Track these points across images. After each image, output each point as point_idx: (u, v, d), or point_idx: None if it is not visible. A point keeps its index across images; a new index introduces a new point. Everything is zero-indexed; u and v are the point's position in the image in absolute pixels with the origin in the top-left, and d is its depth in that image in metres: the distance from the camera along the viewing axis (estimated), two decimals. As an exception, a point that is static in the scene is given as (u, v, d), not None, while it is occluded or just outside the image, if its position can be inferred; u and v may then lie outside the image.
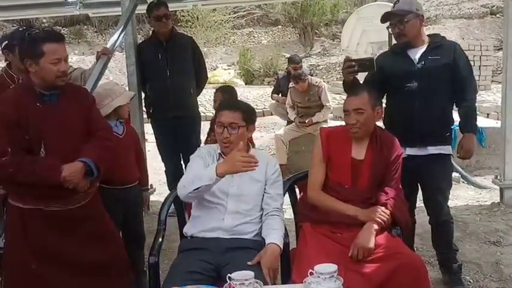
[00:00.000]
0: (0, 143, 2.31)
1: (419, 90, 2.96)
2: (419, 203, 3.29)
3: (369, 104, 2.57)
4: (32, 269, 2.38)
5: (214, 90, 4.47)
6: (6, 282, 2.46)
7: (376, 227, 2.43)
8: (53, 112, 2.40)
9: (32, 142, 2.34)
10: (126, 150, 3.04)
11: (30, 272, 2.38)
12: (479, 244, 3.80)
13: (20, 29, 2.96)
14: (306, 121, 5.47)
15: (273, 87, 7.24)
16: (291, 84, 5.91)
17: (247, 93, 12.09)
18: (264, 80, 15.00)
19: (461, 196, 5.13)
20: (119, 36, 4.17)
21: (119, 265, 2.56)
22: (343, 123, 2.71)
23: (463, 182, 5.65)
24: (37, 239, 2.41)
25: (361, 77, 3.00)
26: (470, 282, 3.27)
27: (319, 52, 16.91)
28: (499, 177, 4.62)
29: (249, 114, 2.53)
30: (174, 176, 4.32)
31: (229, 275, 1.96)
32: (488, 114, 8.79)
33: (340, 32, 16.02)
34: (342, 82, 3.09)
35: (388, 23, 3.04)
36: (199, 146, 4.28)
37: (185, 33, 7.14)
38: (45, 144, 2.35)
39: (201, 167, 2.46)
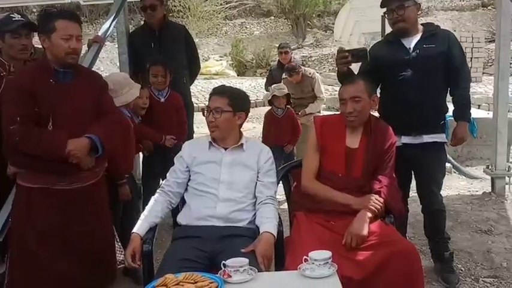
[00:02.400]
0: (11, 112, 2.37)
1: (413, 79, 2.96)
2: (411, 193, 3.31)
3: (365, 92, 2.58)
4: (33, 251, 2.41)
5: (206, 81, 4.47)
6: (11, 263, 2.48)
7: (369, 215, 2.44)
8: (64, 90, 2.45)
9: (41, 115, 2.39)
10: (133, 139, 3.17)
11: (31, 253, 2.42)
12: (471, 233, 3.84)
13: (11, 15, 2.92)
14: (299, 112, 5.46)
15: (265, 79, 7.20)
16: (283, 75, 5.88)
17: (239, 85, 12.03)
18: (256, 71, 14.97)
19: (452, 186, 5.17)
20: (110, 24, 4.11)
21: (107, 257, 2.59)
22: (335, 114, 2.71)
23: (455, 172, 5.70)
24: (40, 220, 2.44)
25: (354, 67, 3.00)
26: (461, 270, 3.30)
27: (312, 43, 16.89)
28: (490, 167, 4.67)
29: (236, 101, 2.51)
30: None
31: (224, 261, 1.97)
32: (479, 105, 8.85)
33: (333, 24, 16.05)
34: (334, 73, 3.09)
35: (385, 9, 3.03)
36: (191, 135, 4.27)
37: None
38: (53, 119, 2.40)
39: (177, 174, 2.55)
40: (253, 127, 8.55)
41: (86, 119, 2.49)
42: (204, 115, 2.56)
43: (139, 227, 2.40)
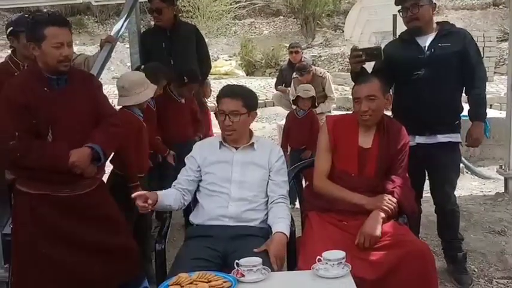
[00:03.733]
0: (8, 127, 2.31)
1: (428, 78, 2.94)
2: (424, 193, 3.29)
3: (380, 91, 2.56)
4: (42, 253, 2.39)
5: (215, 81, 4.53)
6: (15, 268, 2.45)
7: (382, 215, 2.42)
8: (60, 97, 2.39)
9: (39, 127, 2.34)
10: (146, 138, 3.15)
11: (40, 256, 2.39)
12: (484, 234, 3.81)
13: (26, 15, 2.93)
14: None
15: (276, 79, 7.20)
16: (294, 75, 5.88)
17: (248, 84, 12.02)
18: (265, 71, 14.96)
19: (465, 186, 5.13)
20: (122, 24, 4.13)
21: (127, 251, 2.55)
22: (348, 113, 2.69)
23: (467, 173, 5.65)
24: (46, 223, 2.41)
25: (368, 66, 2.98)
26: (475, 271, 3.27)
27: (321, 43, 16.85)
28: (503, 167, 4.62)
29: (250, 101, 2.51)
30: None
31: (237, 261, 1.97)
32: (491, 105, 8.76)
33: (342, 23, 15.98)
34: (344, 73, 3.08)
35: (397, 8, 3.01)
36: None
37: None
38: (52, 129, 2.35)
39: (188, 173, 2.54)
40: (262, 127, 8.56)
41: (84, 123, 2.45)
42: (216, 118, 2.55)
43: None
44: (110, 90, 8.24)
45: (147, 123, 3.22)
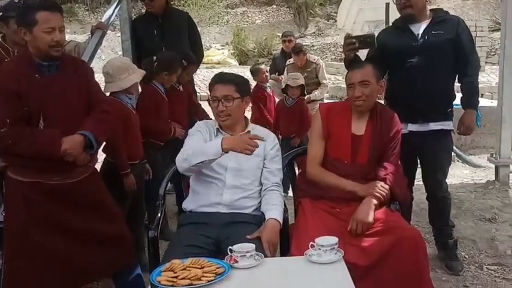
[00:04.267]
0: (0, 114, 2.27)
1: (421, 66, 2.94)
2: (416, 181, 3.31)
3: (373, 77, 2.56)
4: (35, 242, 2.37)
5: (208, 70, 4.49)
6: (8, 256, 2.44)
7: (375, 201, 2.43)
8: (52, 84, 2.36)
9: (31, 113, 2.31)
10: (136, 125, 3.10)
11: (33, 244, 2.37)
12: (475, 221, 3.85)
13: (16, 1, 2.89)
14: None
15: (269, 67, 7.19)
16: (288, 62, 5.86)
17: (241, 74, 12.01)
18: (258, 60, 14.89)
19: (456, 174, 5.18)
20: (113, 11, 4.09)
21: (120, 239, 2.54)
22: (341, 101, 2.69)
23: (458, 161, 5.69)
24: (38, 211, 2.39)
25: (361, 54, 2.97)
26: (465, 257, 3.31)
27: (314, 32, 16.81)
28: (494, 156, 4.66)
29: (242, 86, 2.51)
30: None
31: (230, 247, 1.97)
32: (482, 94, 8.82)
33: (335, 12, 15.96)
34: (337, 62, 3.08)
35: None
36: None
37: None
38: (44, 116, 2.32)
39: (201, 141, 2.46)
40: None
41: (76, 110, 2.42)
42: (210, 105, 2.54)
43: None
44: (102, 79, 8.16)
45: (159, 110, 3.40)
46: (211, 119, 3.10)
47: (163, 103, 3.54)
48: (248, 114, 5.47)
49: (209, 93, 2.54)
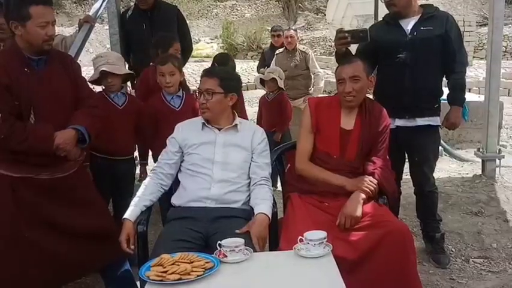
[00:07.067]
0: None
1: (409, 61, 2.96)
2: (403, 175, 3.33)
3: (364, 72, 2.57)
4: (24, 236, 2.35)
5: (197, 63, 4.46)
6: None
7: (363, 196, 2.45)
8: (41, 78, 2.35)
9: (21, 108, 2.29)
10: (124, 122, 3.05)
11: (22, 239, 2.35)
12: (461, 215, 3.89)
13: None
14: (305, 100, 5.33)
15: (258, 62, 7.17)
16: (276, 52, 5.84)
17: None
18: (247, 54, 14.89)
19: (443, 169, 5.22)
20: (101, 4, 4.05)
21: (108, 234, 2.53)
22: (330, 95, 2.69)
23: (445, 155, 5.74)
24: (27, 206, 2.37)
25: (352, 49, 2.97)
26: (452, 251, 3.35)
27: (303, 26, 16.81)
28: (481, 150, 4.70)
29: (227, 81, 2.50)
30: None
31: (219, 242, 1.97)
32: (469, 89, 8.90)
33: (324, 6, 15.93)
34: (326, 56, 3.08)
35: None
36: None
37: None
38: (34, 111, 2.31)
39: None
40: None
41: (66, 105, 2.41)
42: (196, 97, 2.54)
43: (131, 213, 2.37)
44: (90, 73, 8.09)
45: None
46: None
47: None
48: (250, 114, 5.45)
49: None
